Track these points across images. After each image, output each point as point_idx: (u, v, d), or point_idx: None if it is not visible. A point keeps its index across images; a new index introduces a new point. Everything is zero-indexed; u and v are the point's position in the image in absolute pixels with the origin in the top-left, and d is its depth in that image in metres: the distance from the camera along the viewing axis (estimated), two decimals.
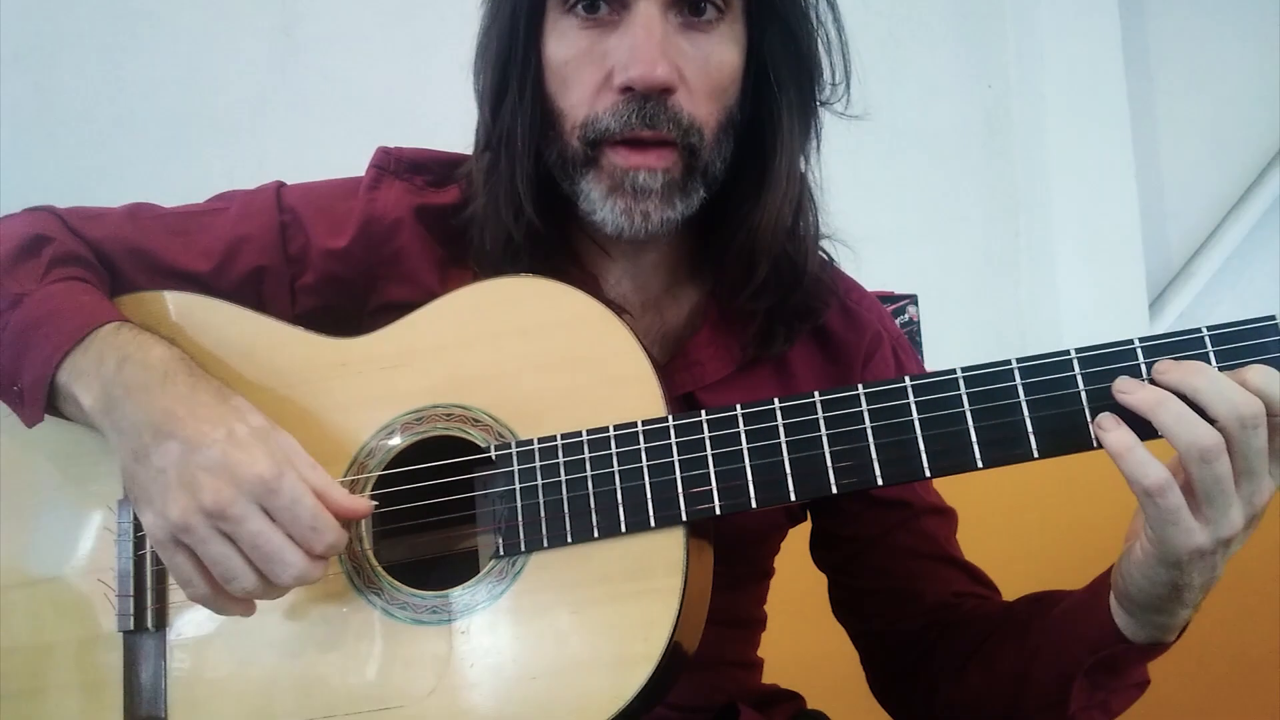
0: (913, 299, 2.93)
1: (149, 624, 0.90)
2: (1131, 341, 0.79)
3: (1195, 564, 0.77)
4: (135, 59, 2.51)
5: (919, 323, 2.93)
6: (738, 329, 1.01)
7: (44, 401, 0.88)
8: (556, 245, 0.98)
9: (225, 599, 0.83)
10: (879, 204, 2.89)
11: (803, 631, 1.12)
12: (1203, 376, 0.75)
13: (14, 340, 0.90)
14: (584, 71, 0.91)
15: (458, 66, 1.01)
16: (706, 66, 0.92)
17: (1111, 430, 0.76)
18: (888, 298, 2.88)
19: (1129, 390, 0.77)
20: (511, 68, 0.94)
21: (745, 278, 0.98)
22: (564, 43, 0.92)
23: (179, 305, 0.98)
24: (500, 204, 0.95)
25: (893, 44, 2.97)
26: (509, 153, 0.94)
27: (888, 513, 1.06)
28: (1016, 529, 1.68)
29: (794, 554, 1.13)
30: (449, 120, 1.02)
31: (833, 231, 1.04)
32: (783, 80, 0.95)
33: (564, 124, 0.93)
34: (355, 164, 1.07)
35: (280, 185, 1.06)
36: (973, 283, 3.01)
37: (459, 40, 1.00)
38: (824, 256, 1.06)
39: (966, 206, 3.03)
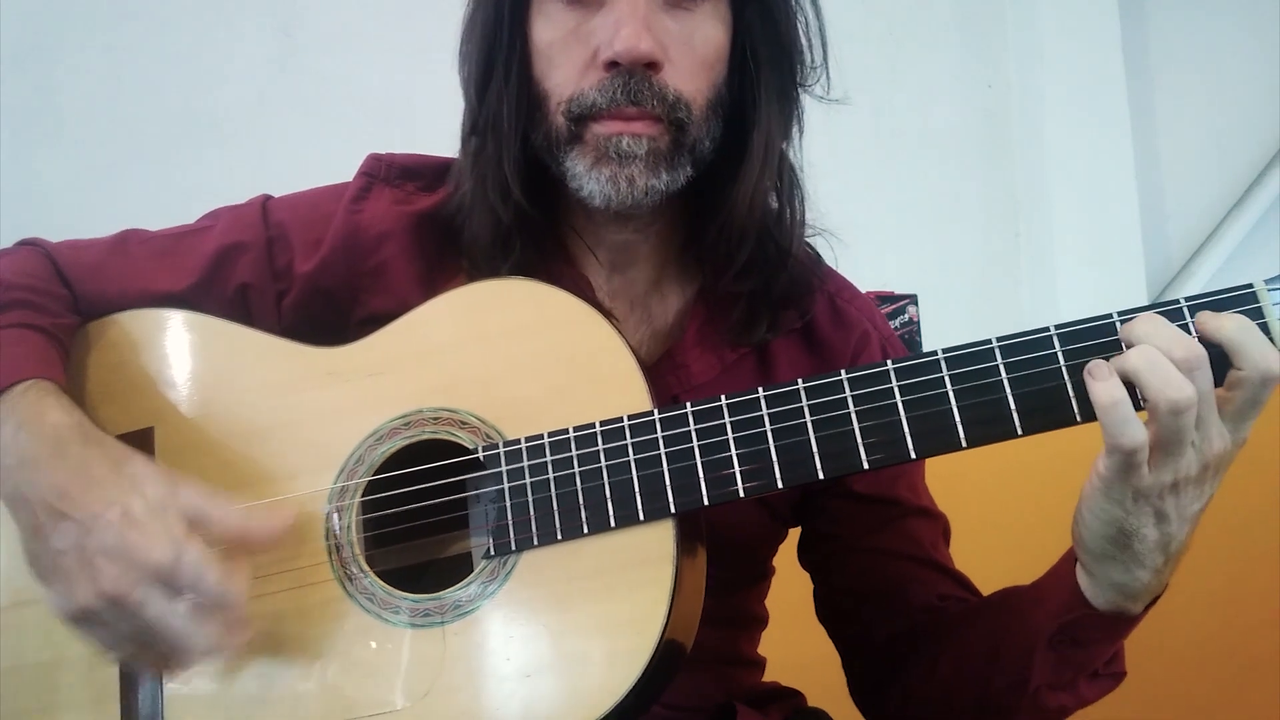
0: (913, 299, 2.93)
1: None
2: (1109, 316, 0.79)
3: (1141, 505, 0.77)
4: (135, 59, 2.52)
5: (919, 323, 2.93)
6: (724, 330, 1.01)
7: None
8: (545, 232, 0.98)
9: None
10: (879, 204, 2.88)
11: (804, 630, 1.11)
12: (1150, 324, 0.76)
13: None
14: (569, 51, 0.92)
15: (457, 67, 1.01)
16: (692, 43, 0.92)
17: (1101, 380, 0.75)
18: (888, 297, 2.88)
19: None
20: (497, 52, 0.94)
21: (729, 258, 0.98)
22: (550, 24, 0.93)
23: (165, 321, 0.98)
24: (488, 187, 0.95)
25: (893, 44, 2.97)
26: (496, 136, 0.95)
27: (872, 510, 1.04)
28: (1014, 538, 1.67)
29: (796, 553, 1.12)
30: (449, 120, 1.02)
31: (823, 225, 1.04)
32: (761, 61, 0.96)
33: (549, 103, 0.93)
34: (354, 164, 1.06)
35: (266, 199, 1.06)
36: (973, 283, 3.01)
37: (459, 40, 1.00)
38: (814, 253, 1.05)
39: (966, 206, 3.03)
